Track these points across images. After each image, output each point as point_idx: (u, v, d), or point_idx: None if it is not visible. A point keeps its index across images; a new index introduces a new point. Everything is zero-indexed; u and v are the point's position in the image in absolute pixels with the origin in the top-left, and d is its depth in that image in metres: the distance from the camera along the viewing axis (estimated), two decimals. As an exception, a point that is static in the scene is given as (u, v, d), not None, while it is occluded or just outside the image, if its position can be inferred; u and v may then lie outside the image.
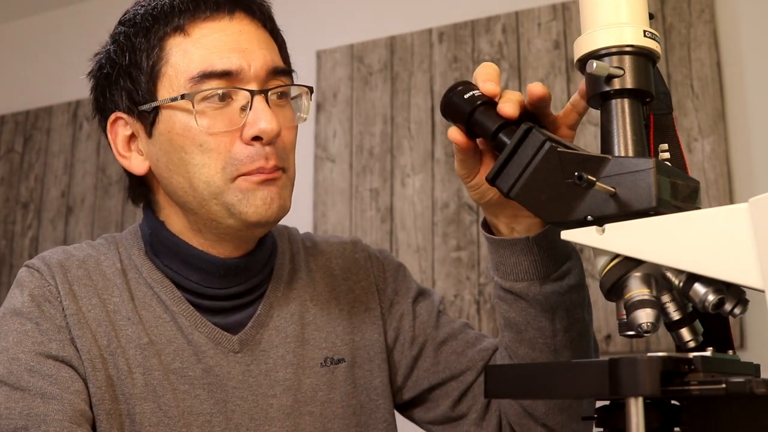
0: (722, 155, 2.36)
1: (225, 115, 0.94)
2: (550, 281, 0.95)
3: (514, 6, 2.72)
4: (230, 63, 0.94)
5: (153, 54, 0.96)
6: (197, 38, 0.96)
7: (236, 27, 0.97)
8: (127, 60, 0.98)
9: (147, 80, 0.97)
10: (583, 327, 0.99)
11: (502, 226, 0.96)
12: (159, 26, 0.97)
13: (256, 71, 0.95)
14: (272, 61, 0.98)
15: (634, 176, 0.74)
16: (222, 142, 0.94)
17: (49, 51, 3.49)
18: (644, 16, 0.81)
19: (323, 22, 3.02)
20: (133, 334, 0.97)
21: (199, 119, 0.94)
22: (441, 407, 1.09)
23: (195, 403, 0.97)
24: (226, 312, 1.02)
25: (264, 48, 0.98)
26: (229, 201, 0.95)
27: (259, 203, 0.94)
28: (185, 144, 0.95)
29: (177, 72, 0.95)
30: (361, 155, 2.85)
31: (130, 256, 1.02)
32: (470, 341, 1.10)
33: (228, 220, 0.96)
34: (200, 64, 0.94)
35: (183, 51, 0.96)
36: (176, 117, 0.95)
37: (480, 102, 0.87)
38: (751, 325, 2.26)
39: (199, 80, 0.94)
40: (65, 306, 0.95)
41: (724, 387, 0.68)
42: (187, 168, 0.95)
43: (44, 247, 3.28)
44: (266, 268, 1.05)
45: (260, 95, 0.95)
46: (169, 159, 0.97)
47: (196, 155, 0.95)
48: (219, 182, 0.94)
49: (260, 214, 0.95)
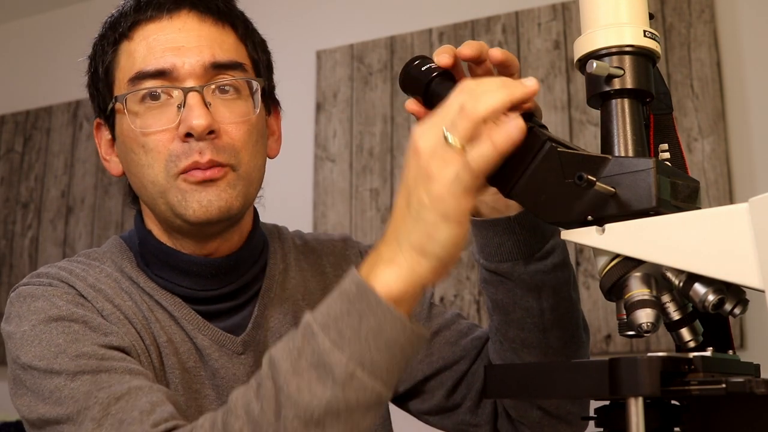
0: (722, 155, 2.36)
1: (163, 114, 0.96)
2: (535, 260, 0.95)
3: (514, 6, 2.72)
4: (163, 62, 0.96)
5: (107, 60, 1.00)
6: (138, 41, 0.98)
7: (175, 26, 0.98)
8: (94, 68, 1.03)
9: (103, 86, 1.01)
10: (570, 305, 0.99)
11: (482, 206, 0.96)
12: (111, 32, 1.00)
13: (191, 68, 0.96)
14: (211, 56, 0.97)
15: (634, 176, 0.74)
16: (160, 141, 0.95)
17: (49, 51, 3.49)
18: (644, 16, 0.81)
19: (323, 22, 3.02)
20: (155, 331, 0.97)
21: (135, 120, 0.96)
22: (435, 397, 1.09)
23: (205, 402, 0.97)
24: (224, 315, 1.02)
25: (204, 44, 0.98)
26: (171, 201, 0.96)
27: (196, 206, 0.95)
28: (132, 145, 0.97)
29: (123, 75, 0.98)
30: (361, 155, 2.85)
31: (122, 269, 1.01)
32: (463, 331, 1.10)
33: (176, 220, 0.97)
34: (138, 66, 0.97)
35: (128, 54, 0.99)
36: (123, 120, 0.98)
37: (436, 73, 0.88)
38: (751, 325, 2.26)
39: (135, 82, 0.96)
40: (99, 308, 0.94)
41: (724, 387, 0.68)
42: (138, 168, 0.98)
43: (44, 247, 3.28)
44: (256, 267, 1.05)
45: (194, 92, 0.95)
46: (126, 160, 1.00)
47: (141, 156, 0.97)
48: (162, 181, 0.96)
49: (198, 217, 0.95)
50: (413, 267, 0.72)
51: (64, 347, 0.87)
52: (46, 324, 0.90)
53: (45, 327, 0.89)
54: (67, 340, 0.88)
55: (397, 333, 0.72)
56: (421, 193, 0.72)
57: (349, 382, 0.71)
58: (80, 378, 0.85)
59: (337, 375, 0.71)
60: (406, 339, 0.72)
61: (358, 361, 0.71)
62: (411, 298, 0.73)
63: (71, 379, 0.85)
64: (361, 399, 0.71)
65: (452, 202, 0.71)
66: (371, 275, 0.73)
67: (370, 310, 0.71)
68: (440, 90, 0.87)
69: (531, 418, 1.04)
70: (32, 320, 0.90)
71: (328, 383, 0.71)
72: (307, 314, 0.75)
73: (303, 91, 2.95)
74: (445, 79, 0.88)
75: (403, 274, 0.72)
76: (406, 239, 0.73)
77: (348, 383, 0.71)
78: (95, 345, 0.88)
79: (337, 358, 0.71)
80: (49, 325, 0.89)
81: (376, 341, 0.71)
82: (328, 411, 0.71)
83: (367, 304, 0.72)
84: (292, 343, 0.74)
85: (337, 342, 0.71)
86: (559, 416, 1.03)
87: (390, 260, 0.73)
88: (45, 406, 0.85)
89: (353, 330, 0.71)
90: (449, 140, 0.72)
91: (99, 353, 0.87)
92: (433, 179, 0.72)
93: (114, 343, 0.90)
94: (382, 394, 0.72)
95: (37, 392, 0.87)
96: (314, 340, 0.72)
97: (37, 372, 0.87)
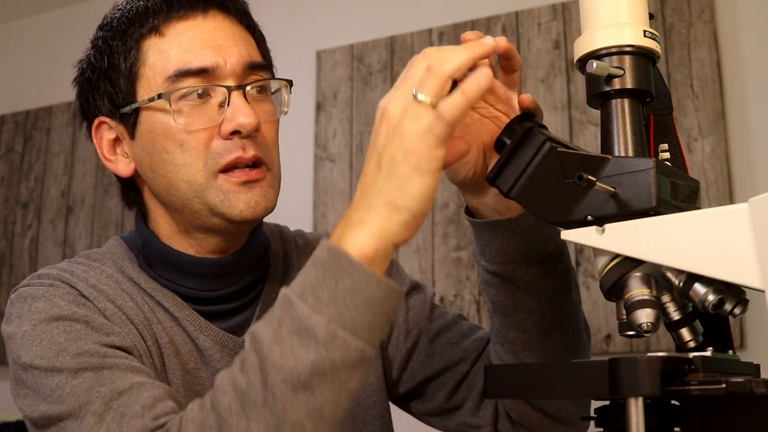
0: (722, 155, 2.36)
1: (204, 112, 0.95)
2: (536, 262, 0.95)
3: (514, 6, 2.72)
4: (206, 60, 0.95)
5: (130, 56, 0.98)
6: (172, 38, 0.97)
7: (210, 24, 0.98)
8: (107, 64, 1.00)
9: (126, 83, 0.98)
10: (571, 307, 0.99)
11: (483, 208, 0.96)
12: (135, 28, 0.98)
13: (233, 67, 0.96)
14: (249, 56, 0.98)
15: (634, 176, 0.74)
16: (201, 139, 0.95)
17: (49, 51, 3.49)
18: (644, 16, 0.81)
19: (323, 22, 3.02)
20: (157, 333, 0.96)
21: (178, 118, 0.95)
22: (437, 399, 1.09)
23: None
24: (226, 316, 1.02)
25: (240, 44, 0.98)
26: (211, 201, 0.95)
27: (243, 206, 0.95)
28: (166, 144, 0.96)
29: (154, 72, 0.97)
30: (361, 155, 2.85)
31: (123, 270, 1.00)
32: (464, 332, 1.10)
33: (212, 219, 0.97)
34: (176, 63, 0.96)
35: (159, 51, 0.97)
36: (156, 117, 0.96)
37: None
38: (751, 325, 2.26)
39: (176, 79, 0.95)
40: (101, 308, 0.93)
41: (724, 387, 0.68)
42: (169, 168, 0.96)
43: (44, 248, 3.28)
44: (259, 267, 1.05)
45: (238, 90, 0.95)
46: (151, 160, 0.98)
47: (178, 154, 0.95)
48: (201, 180, 0.95)
49: (245, 216, 0.96)
50: (384, 224, 0.74)
51: (65, 346, 0.87)
52: (47, 324, 0.89)
53: (46, 326, 0.89)
54: (69, 339, 0.88)
55: (373, 290, 0.73)
56: (393, 150, 0.74)
57: (331, 342, 0.71)
58: (82, 375, 0.85)
59: (319, 337, 0.71)
60: (383, 295, 0.73)
61: (338, 322, 0.72)
62: (383, 256, 0.74)
63: (73, 377, 0.85)
64: (346, 358, 0.72)
65: (425, 153, 0.73)
66: (342, 239, 0.74)
67: (345, 272, 0.72)
68: None
69: (531, 419, 1.03)
70: (33, 320, 0.90)
71: (311, 346, 0.71)
72: (284, 288, 0.76)
73: (303, 91, 2.95)
74: None
75: (374, 234, 0.74)
76: (377, 197, 0.74)
77: (330, 343, 0.71)
78: (97, 344, 0.88)
79: (317, 320, 0.72)
80: (50, 324, 0.89)
81: (354, 300, 0.72)
82: (314, 372, 0.71)
83: (341, 267, 0.73)
84: (272, 315, 0.75)
85: (316, 306, 0.72)
86: (559, 418, 1.03)
87: (359, 222, 0.74)
88: (47, 404, 0.85)
89: (330, 292, 0.72)
90: (419, 98, 0.73)
91: (101, 351, 0.87)
92: (405, 135, 0.73)
93: (116, 343, 0.89)
94: (365, 351, 0.73)
95: (39, 391, 0.86)
96: (293, 309, 0.73)
97: (38, 371, 0.87)
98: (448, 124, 0.73)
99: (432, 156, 0.73)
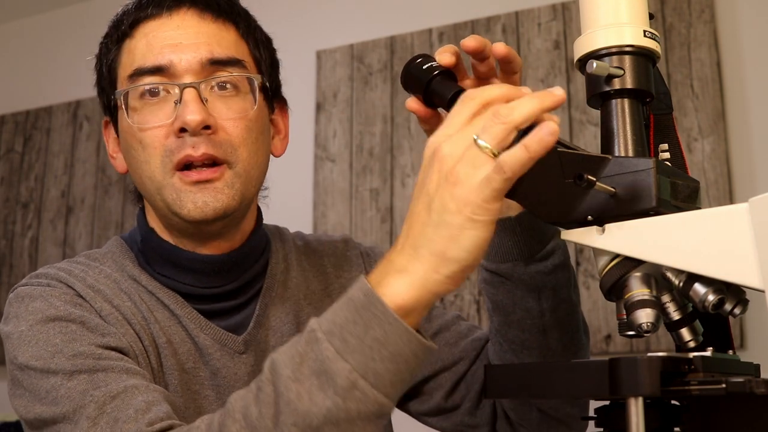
0: (722, 155, 2.36)
1: (161, 110, 0.97)
2: (535, 261, 0.95)
3: (514, 6, 2.72)
4: (161, 58, 0.97)
5: (110, 59, 1.02)
6: (139, 38, 0.99)
7: (174, 23, 0.99)
8: (99, 67, 1.04)
9: (107, 84, 1.03)
10: (570, 306, 0.99)
11: None
12: (114, 31, 1.02)
13: (189, 64, 0.97)
14: (209, 52, 0.98)
15: (634, 176, 0.74)
16: (157, 137, 0.96)
17: (49, 51, 3.49)
18: (644, 16, 0.81)
19: (323, 22, 3.02)
20: (154, 332, 0.97)
21: (133, 116, 0.97)
22: (434, 398, 1.09)
23: (204, 403, 0.97)
24: (226, 314, 1.02)
25: (203, 40, 0.98)
26: (167, 199, 0.97)
27: (191, 206, 0.95)
28: (131, 141, 0.99)
29: (124, 72, 1.00)
30: (361, 155, 2.85)
31: (123, 268, 1.01)
32: (462, 332, 1.10)
33: (173, 217, 0.98)
34: (136, 63, 0.98)
35: (128, 52, 1.00)
36: (122, 116, 1.00)
37: (437, 72, 0.88)
38: (751, 325, 2.26)
39: (134, 78, 0.98)
40: (97, 308, 0.94)
41: (724, 387, 0.68)
42: (135, 165, 0.99)
43: (44, 247, 3.28)
44: (258, 265, 1.05)
45: (190, 88, 0.96)
46: (126, 157, 1.02)
47: (139, 152, 0.98)
48: (159, 177, 0.96)
49: (194, 216, 0.96)
50: (429, 275, 0.71)
51: (60, 347, 0.87)
52: (43, 324, 0.89)
53: (42, 327, 0.89)
54: (64, 340, 0.88)
55: (403, 345, 0.70)
56: (445, 197, 0.70)
57: (350, 392, 0.69)
58: (77, 377, 0.85)
59: (338, 384, 0.70)
60: (412, 351, 0.71)
61: (361, 371, 0.70)
62: (423, 307, 0.72)
63: (68, 379, 0.85)
64: (362, 410, 0.70)
65: (480, 205, 0.69)
66: (381, 284, 0.72)
67: (377, 320, 0.70)
68: (441, 89, 0.87)
69: (530, 419, 1.03)
70: (30, 320, 0.90)
71: (329, 392, 0.70)
72: (313, 320, 0.74)
73: (303, 91, 2.95)
74: (447, 78, 0.88)
75: (416, 284, 0.71)
76: (426, 246, 0.71)
77: (349, 393, 0.69)
78: (92, 345, 0.88)
79: (340, 366, 0.70)
80: (47, 325, 0.89)
81: (381, 352, 0.70)
82: (327, 420, 0.70)
83: (374, 314, 0.70)
84: (295, 349, 0.73)
85: (341, 350, 0.70)
86: (558, 418, 1.03)
87: (402, 269, 0.71)
88: (42, 405, 0.85)
89: (358, 339, 0.70)
90: (480, 143, 0.70)
91: (96, 353, 0.87)
92: (460, 183, 0.70)
93: (111, 344, 0.89)
94: (384, 405, 0.71)
95: (34, 392, 0.87)
96: (318, 347, 0.71)
97: (33, 372, 0.87)
98: (508, 180, 0.69)
99: (488, 208, 0.69)
